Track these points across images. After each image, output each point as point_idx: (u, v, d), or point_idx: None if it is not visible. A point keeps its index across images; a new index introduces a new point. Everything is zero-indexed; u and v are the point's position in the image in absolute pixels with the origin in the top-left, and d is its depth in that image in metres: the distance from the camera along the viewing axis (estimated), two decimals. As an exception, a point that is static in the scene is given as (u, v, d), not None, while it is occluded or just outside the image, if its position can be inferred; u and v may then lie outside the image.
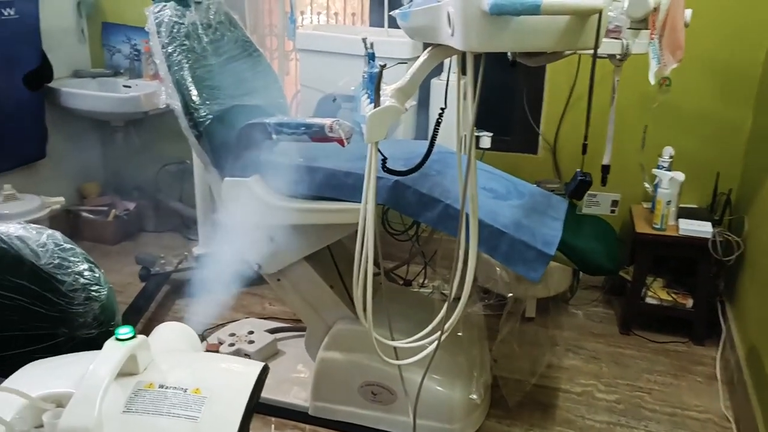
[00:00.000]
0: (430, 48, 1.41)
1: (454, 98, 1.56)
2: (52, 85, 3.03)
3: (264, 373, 0.87)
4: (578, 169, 1.46)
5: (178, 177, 3.29)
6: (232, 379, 0.83)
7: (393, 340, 1.70)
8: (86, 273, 1.02)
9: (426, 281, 2.72)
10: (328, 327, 1.98)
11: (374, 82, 1.34)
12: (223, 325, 2.49)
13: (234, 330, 2.34)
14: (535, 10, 1.07)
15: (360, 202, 1.51)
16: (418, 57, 1.32)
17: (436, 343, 1.55)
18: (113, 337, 0.73)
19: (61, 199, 2.89)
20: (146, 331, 2.50)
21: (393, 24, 1.47)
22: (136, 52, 3.19)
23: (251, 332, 2.31)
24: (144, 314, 2.58)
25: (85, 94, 3.04)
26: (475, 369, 1.88)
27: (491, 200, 1.74)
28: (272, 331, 2.36)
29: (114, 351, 0.76)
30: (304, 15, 3.25)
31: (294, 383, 2.12)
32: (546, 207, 1.80)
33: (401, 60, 1.59)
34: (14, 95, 2.85)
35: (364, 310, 1.51)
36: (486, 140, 2.37)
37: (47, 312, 1.01)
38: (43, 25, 2.93)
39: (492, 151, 2.51)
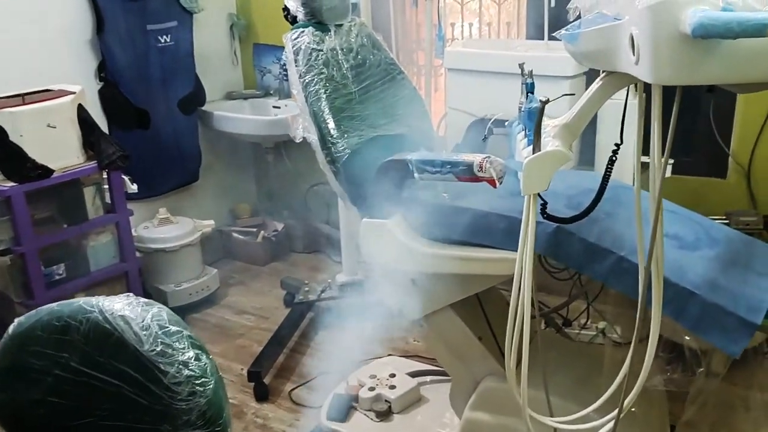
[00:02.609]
0: (603, 75, 1.15)
1: (630, 124, 1.29)
2: (205, 108, 3.08)
3: None
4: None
5: (326, 198, 3.23)
6: None
7: (551, 411, 1.46)
8: (192, 363, 0.89)
9: (589, 322, 2.40)
10: (475, 381, 1.76)
11: (533, 120, 1.11)
12: (366, 361, 2.36)
13: (375, 371, 2.19)
14: (761, 31, 0.78)
15: (514, 249, 1.29)
16: (584, 76, 1.08)
17: (612, 423, 1.29)
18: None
19: (212, 222, 2.92)
20: (288, 363, 2.47)
21: (553, 35, 1.22)
22: (284, 73, 3.17)
23: (393, 375, 2.14)
24: (287, 344, 2.52)
25: (235, 117, 3.06)
26: (653, 452, 1.57)
27: (677, 250, 1.43)
28: (415, 374, 2.18)
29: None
30: (455, 25, 3.05)
31: (439, 438, 1.93)
32: (749, 258, 1.45)
33: (566, 87, 1.34)
34: (170, 120, 2.92)
35: (518, 384, 1.28)
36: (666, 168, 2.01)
37: (150, 405, 0.89)
38: (197, 49, 2.98)
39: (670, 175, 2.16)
